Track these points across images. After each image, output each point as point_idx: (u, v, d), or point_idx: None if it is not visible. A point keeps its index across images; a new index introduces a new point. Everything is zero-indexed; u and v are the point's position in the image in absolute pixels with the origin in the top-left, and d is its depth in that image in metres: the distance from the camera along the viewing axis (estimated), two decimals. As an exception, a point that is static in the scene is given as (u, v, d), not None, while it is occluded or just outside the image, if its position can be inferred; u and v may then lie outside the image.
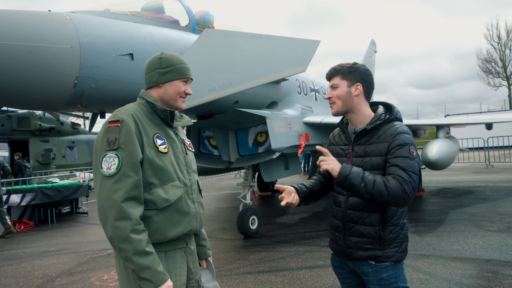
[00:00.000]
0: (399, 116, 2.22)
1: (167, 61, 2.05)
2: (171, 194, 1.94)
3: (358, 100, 2.22)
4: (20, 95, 3.49)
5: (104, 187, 1.79)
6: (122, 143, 1.83)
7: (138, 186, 1.83)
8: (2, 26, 3.27)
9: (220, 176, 17.92)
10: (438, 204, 9.12)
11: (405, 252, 2.17)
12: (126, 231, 1.73)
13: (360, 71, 2.23)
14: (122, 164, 1.80)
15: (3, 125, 15.22)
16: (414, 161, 2.05)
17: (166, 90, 2.06)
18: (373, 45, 16.63)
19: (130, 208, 1.77)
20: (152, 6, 5.08)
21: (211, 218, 9.05)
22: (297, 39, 5.07)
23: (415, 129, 11.41)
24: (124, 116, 1.88)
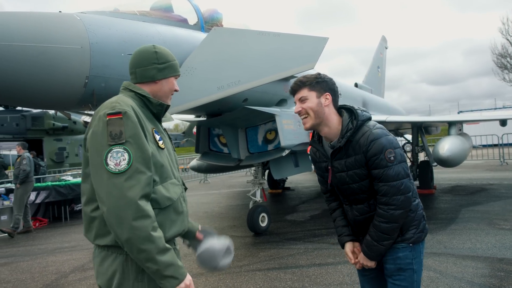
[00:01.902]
0: (365, 115, 2.19)
1: (163, 56, 1.95)
2: (172, 193, 1.86)
3: (329, 110, 2.19)
4: (33, 95, 3.55)
5: (115, 186, 1.62)
6: (130, 137, 1.68)
7: (151, 183, 1.71)
8: (14, 28, 3.34)
9: (230, 174, 17.99)
10: (450, 201, 9.02)
11: (424, 232, 2.21)
12: (148, 230, 1.61)
13: (327, 81, 2.21)
14: (133, 159, 1.66)
15: (18, 124, 15.50)
16: (395, 165, 2.05)
17: (161, 87, 1.95)
18: (384, 41, 16.47)
19: (147, 205, 1.65)
20: (161, 5, 5.11)
21: (222, 215, 9.10)
22: (305, 36, 5.06)
23: (426, 126, 11.28)
24: (126, 108, 1.73)
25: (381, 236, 2.11)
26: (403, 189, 2.06)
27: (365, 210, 2.22)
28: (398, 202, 2.06)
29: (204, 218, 8.80)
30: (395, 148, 2.08)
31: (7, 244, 7.67)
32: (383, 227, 2.09)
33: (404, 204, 2.07)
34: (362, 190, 2.18)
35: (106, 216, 1.64)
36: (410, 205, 2.11)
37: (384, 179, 2.06)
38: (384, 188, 2.07)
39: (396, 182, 2.05)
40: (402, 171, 2.07)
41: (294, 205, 10.02)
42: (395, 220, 2.08)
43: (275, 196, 11.83)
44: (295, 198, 11.23)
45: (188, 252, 5.91)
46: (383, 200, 2.09)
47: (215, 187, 15.15)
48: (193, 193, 13.68)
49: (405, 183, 2.07)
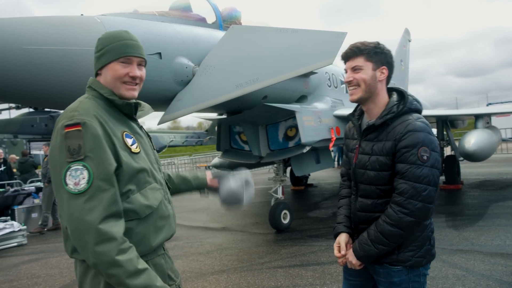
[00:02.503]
0: (415, 106, 1.95)
1: (102, 42, 1.71)
2: (152, 199, 1.69)
3: (381, 86, 1.98)
4: (56, 96, 3.65)
5: (74, 208, 1.47)
6: (90, 151, 1.50)
7: (117, 200, 1.54)
8: (39, 33, 3.44)
9: (253, 171, 17.98)
10: (478, 197, 8.76)
11: (425, 257, 1.93)
12: (112, 255, 1.45)
13: (386, 53, 1.99)
14: (94, 177, 1.48)
15: (47, 125, 16.03)
16: (425, 166, 1.80)
17: (105, 78, 1.71)
18: (407, 34, 16.10)
19: (111, 227, 1.48)
20: (180, 5, 5.16)
21: (244, 212, 9.13)
22: (324, 31, 5.00)
23: (452, 119, 10.97)
24: (86, 118, 1.53)
25: (378, 238, 1.87)
26: (425, 196, 1.79)
27: (369, 208, 1.98)
28: (413, 207, 1.79)
29: (227, 215, 8.86)
30: (433, 151, 1.83)
31: (38, 241, 7.95)
32: (385, 228, 1.85)
33: (420, 213, 1.80)
34: (377, 181, 1.93)
35: (71, 238, 1.52)
36: (426, 218, 1.85)
37: (407, 177, 1.81)
38: (403, 187, 1.82)
39: (420, 185, 1.80)
40: (431, 176, 1.81)
41: (317, 201, 9.96)
42: (401, 227, 1.82)
43: (298, 193, 11.79)
44: (318, 194, 11.15)
45: (202, 251, 6.01)
46: (397, 200, 1.83)
47: (237, 184, 15.16)
48: (216, 190, 13.75)
49: (429, 191, 1.80)
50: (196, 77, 4.50)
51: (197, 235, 7.14)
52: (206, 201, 11.24)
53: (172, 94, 4.47)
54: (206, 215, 9.18)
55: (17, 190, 9.27)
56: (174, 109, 4.46)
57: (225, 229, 7.51)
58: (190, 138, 27.61)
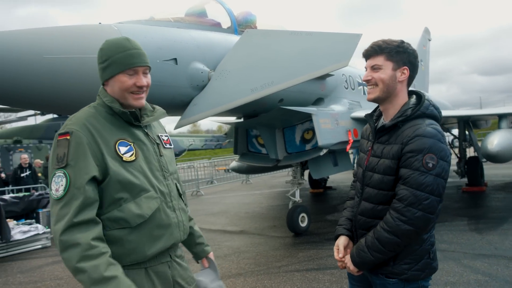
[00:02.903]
0: (430, 111, 1.86)
1: (105, 53, 1.70)
2: (145, 208, 1.66)
3: (401, 87, 1.91)
4: (74, 103, 3.74)
5: (53, 212, 1.54)
6: (71, 160, 1.55)
7: (89, 208, 1.54)
8: (58, 42, 3.55)
9: (272, 174, 18.00)
10: (503, 200, 8.51)
11: (424, 271, 1.84)
12: (73, 262, 1.46)
13: (409, 52, 1.90)
14: (70, 185, 1.52)
15: (68, 130, 16.38)
16: (429, 174, 1.71)
17: (112, 88, 1.72)
18: (427, 33, 15.83)
19: (75, 233, 1.48)
20: (195, 11, 5.23)
21: (262, 216, 9.14)
22: (338, 33, 4.98)
23: (474, 119, 10.71)
24: (74, 127, 1.59)
25: (375, 245, 1.81)
26: (426, 205, 1.71)
27: (368, 213, 1.93)
28: (411, 215, 1.71)
29: (245, 219, 8.89)
30: (442, 159, 1.73)
31: (61, 244, 8.14)
32: (382, 235, 1.78)
33: (418, 222, 1.72)
34: (380, 185, 1.88)
35: None
36: (426, 228, 1.76)
37: (409, 183, 1.74)
38: (404, 193, 1.74)
39: (421, 193, 1.71)
40: (435, 186, 1.72)
41: (335, 204, 9.87)
42: (398, 235, 1.74)
43: (317, 196, 11.71)
44: (337, 197, 11.06)
45: (219, 255, 6.02)
46: (396, 206, 1.76)
47: (256, 187, 15.24)
48: (235, 193, 13.85)
49: (431, 200, 1.71)
50: (211, 82, 4.55)
51: (215, 238, 7.18)
52: (225, 205, 11.31)
53: (188, 99, 4.52)
54: (225, 218, 9.22)
55: (41, 194, 9.52)
56: (190, 113, 4.51)
57: (243, 233, 7.53)
58: (209, 142, 27.79)
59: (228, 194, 13.92)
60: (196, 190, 14.56)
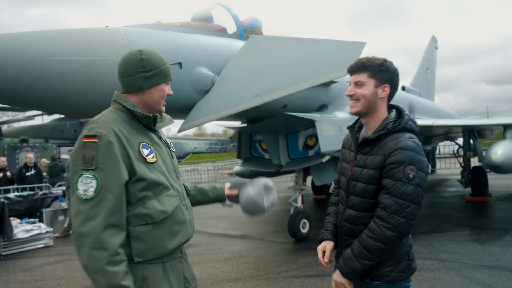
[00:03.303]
0: (409, 125, 1.99)
1: (150, 62, 1.82)
2: (167, 205, 1.79)
3: (382, 103, 2.03)
4: (81, 105, 3.81)
5: (80, 211, 1.61)
6: (101, 163, 1.62)
7: (118, 211, 1.65)
8: (65, 44, 3.61)
9: (276, 179, 17.98)
10: (506, 210, 8.46)
11: (405, 272, 1.97)
12: (102, 263, 1.55)
13: (391, 71, 2.01)
14: (101, 187, 1.61)
15: (76, 130, 16.58)
16: (410, 184, 1.83)
17: (150, 95, 1.85)
18: (434, 41, 15.81)
19: (109, 237, 1.59)
20: (201, 16, 5.28)
21: (264, 220, 9.14)
22: (342, 41, 5.01)
23: (479, 129, 10.66)
24: (102, 131, 1.66)
25: (362, 253, 1.90)
26: (408, 213, 1.83)
27: (352, 219, 2.03)
28: (395, 222, 1.83)
29: (247, 223, 8.90)
30: (420, 170, 1.86)
31: (63, 243, 8.20)
32: (368, 242, 1.88)
33: (402, 229, 1.84)
34: (363, 193, 1.99)
35: (73, 237, 1.68)
36: (407, 234, 1.90)
37: (392, 192, 1.85)
38: (387, 202, 1.86)
39: (404, 202, 1.83)
40: (415, 195, 1.85)
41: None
42: (384, 241, 1.85)
43: (320, 202, 11.70)
44: (339, 204, 11.01)
45: (219, 258, 6.04)
46: (380, 214, 1.87)
47: (259, 191, 15.19)
48: (237, 197, 13.82)
49: (412, 208, 1.84)
50: (215, 87, 4.59)
51: (216, 242, 7.20)
52: (227, 209, 11.28)
53: (191, 103, 4.56)
54: (226, 222, 9.24)
55: (45, 193, 9.60)
56: (194, 117, 4.55)
57: (244, 237, 7.54)
58: (214, 145, 27.88)
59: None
60: (199, 193, 14.56)
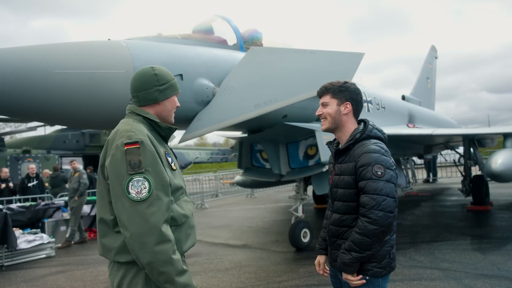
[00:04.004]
0: (374, 133, 2.26)
1: (163, 77, 2.03)
2: (186, 210, 1.97)
3: (347, 118, 2.31)
4: (83, 116, 3.87)
5: (137, 213, 1.72)
6: (148, 165, 1.77)
7: (170, 208, 1.82)
8: (68, 57, 3.68)
9: (277, 188, 18.00)
10: (508, 219, 8.45)
11: (385, 269, 2.18)
12: (169, 253, 1.72)
13: (350, 90, 2.32)
14: (153, 187, 1.75)
15: (78, 141, 16.65)
16: (381, 180, 2.07)
17: (165, 107, 2.05)
18: (434, 51, 15.92)
19: (167, 230, 1.76)
20: (202, 28, 5.37)
21: (265, 230, 9.15)
22: (341, 52, 5.08)
23: (479, 138, 10.69)
24: (142, 137, 1.81)
25: (351, 246, 2.13)
26: (384, 205, 2.05)
27: (337, 222, 2.27)
28: (375, 216, 2.05)
29: (248, 233, 8.90)
30: (388, 168, 2.11)
31: (65, 253, 8.22)
32: (355, 237, 2.11)
33: (382, 221, 2.05)
34: (344, 198, 2.23)
35: (128, 241, 1.73)
36: (390, 225, 2.08)
37: (367, 191, 2.09)
38: (365, 199, 2.10)
39: (377, 196, 2.06)
40: (388, 189, 2.08)
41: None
42: (368, 235, 2.07)
43: (321, 211, 11.67)
44: (341, 213, 11.01)
45: (221, 268, 6.04)
46: (362, 211, 2.11)
47: (261, 201, 15.24)
48: (239, 207, 13.86)
49: (388, 201, 2.06)
50: (216, 98, 4.65)
51: (217, 252, 7.21)
52: (228, 218, 11.33)
53: (192, 113, 4.62)
54: (228, 232, 9.24)
55: (47, 204, 9.63)
56: (195, 128, 4.61)
57: (245, 247, 7.54)
58: (215, 155, 27.91)
59: (232, 207, 13.93)
60: (201, 203, 14.60)
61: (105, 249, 1.89)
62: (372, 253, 2.13)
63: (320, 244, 2.54)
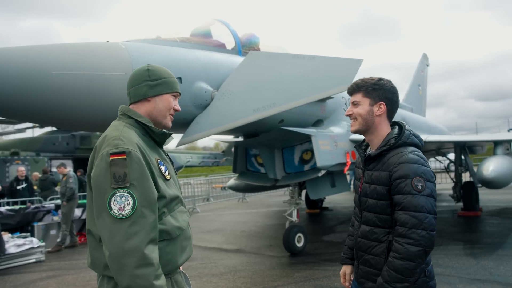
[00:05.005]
0: (411, 140, 2.02)
1: (156, 73, 1.88)
2: (181, 221, 1.82)
3: (380, 120, 2.08)
4: (81, 118, 3.82)
5: (117, 231, 1.55)
6: (134, 179, 1.59)
7: (156, 226, 1.64)
8: (66, 58, 3.64)
9: (268, 193, 18.00)
10: (498, 225, 8.56)
11: None
12: (150, 279, 1.53)
13: (385, 89, 2.07)
14: (138, 204, 1.57)
15: (68, 143, 16.46)
16: (421, 195, 1.83)
17: (155, 105, 1.87)
18: (425, 59, 16.15)
19: (151, 253, 1.57)
20: (200, 31, 5.36)
21: (259, 234, 9.12)
22: (340, 58, 5.12)
23: (470, 145, 10.85)
24: (130, 147, 1.63)
25: (393, 276, 1.84)
26: (426, 224, 1.81)
27: (366, 235, 2.05)
28: (417, 236, 1.81)
29: (242, 237, 8.87)
30: (428, 181, 1.87)
31: (55, 258, 8.08)
32: (396, 264, 1.83)
33: (425, 241, 1.81)
34: (375, 209, 2.01)
35: (108, 260, 1.58)
36: (433, 245, 1.84)
37: (406, 207, 1.85)
38: (404, 217, 1.85)
39: (419, 214, 1.82)
40: (429, 205, 1.84)
41: (332, 225, 9.88)
42: (411, 258, 1.81)
43: (313, 216, 11.71)
44: (333, 218, 11.07)
45: (215, 273, 6.02)
46: (400, 231, 1.86)
47: (253, 206, 15.21)
48: (231, 211, 13.82)
49: (430, 218, 1.83)
50: (214, 101, 4.64)
51: (211, 256, 7.16)
52: (221, 223, 11.28)
53: (190, 117, 4.60)
54: (221, 236, 9.20)
55: (37, 207, 9.48)
56: (193, 132, 4.59)
57: (239, 251, 7.51)
58: (206, 159, 27.82)
59: (224, 212, 13.88)
60: (192, 207, 14.52)
61: (94, 262, 1.77)
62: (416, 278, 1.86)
63: (345, 253, 2.33)
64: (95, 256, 1.75)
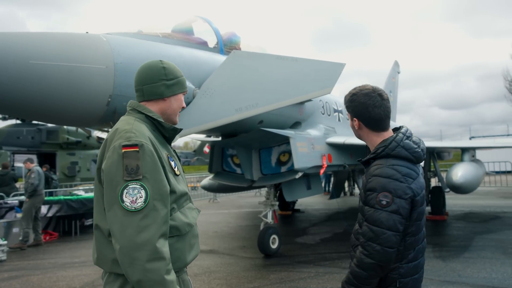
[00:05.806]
0: (396, 152, 1.91)
1: (172, 72, 1.86)
2: (190, 218, 1.82)
3: (362, 132, 2.08)
4: (58, 112, 3.65)
5: (129, 224, 1.52)
6: (147, 172, 1.57)
7: (167, 221, 1.62)
8: (45, 48, 3.46)
9: (240, 194, 17.95)
10: (463, 229, 8.89)
11: None
12: (161, 273, 1.52)
13: (355, 105, 2.02)
14: (150, 197, 1.55)
15: (33, 137, 15.78)
16: (383, 211, 1.80)
17: (170, 104, 1.87)
18: (397, 66, 16.60)
19: (163, 246, 1.55)
20: (182, 28, 5.26)
21: (231, 235, 9.06)
22: (323, 61, 5.15)
23: (439, 151, 11.22)
24: (142, 140, 1.62)
25: (349, 280, 1.89)
26: (382, 239, 1.78)
27: (355, 232, 2.03)
28: (372, 250, 1.80)
29: (214, 238, 8.78)
30: (398, 197, 1.80)
31: (18, 257, 7.72)
32: (352, 269, 1.89)
33: (379, 256, 1.79)
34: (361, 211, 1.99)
35: (118, 254, 1.54)
36: (388, 262, 1.81)
37: (367, 219, 1.86)
38: (364, 229, 1.87)
39: (377, 229, 1.80)
40: (391, 221, 1.79)
41: (305, 227, 9.95)
42: (364, 268, 1.82)
43: (285, 218, 11.76)
44: (305, 220, 11.15)
45: (189, 274, 5.92)
46: (360, 241, 1.89)
47: (224, 206, 15.12)
48: (202, 212, 13.52)
49: (388, 235, 1.78)
50: (196, 99, 4.55)
51: (184, 257, 7.03)
52: (192, 222, 11.12)
53: (171, 114, 4.49)
54: (193, 236, 9.05)
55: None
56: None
57: (212, 252, 7.43)
58: (177, 158, 27.42)
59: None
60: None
61: (101, 258, 1.72)
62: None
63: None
64: (102, 252, 1.71)
